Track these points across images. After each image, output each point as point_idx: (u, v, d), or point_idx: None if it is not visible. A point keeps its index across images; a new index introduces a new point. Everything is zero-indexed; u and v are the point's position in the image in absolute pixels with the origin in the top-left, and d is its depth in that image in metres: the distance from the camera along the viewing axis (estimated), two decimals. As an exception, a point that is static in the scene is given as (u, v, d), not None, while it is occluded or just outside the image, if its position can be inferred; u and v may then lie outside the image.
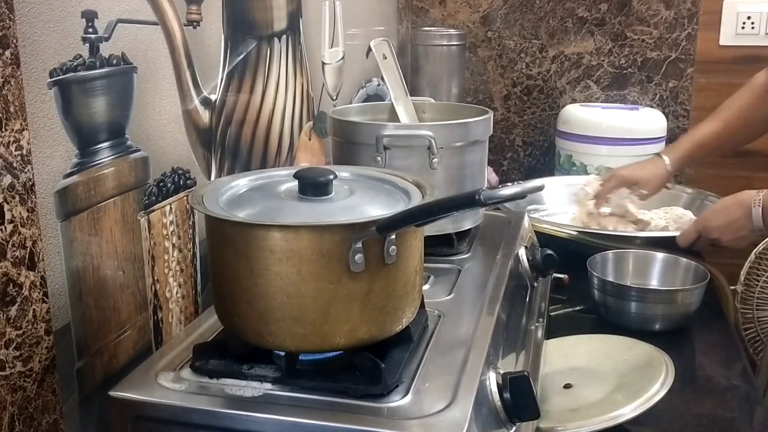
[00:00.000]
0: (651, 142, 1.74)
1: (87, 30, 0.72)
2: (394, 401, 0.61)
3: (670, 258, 1.22)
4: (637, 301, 1.11)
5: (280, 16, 1.16)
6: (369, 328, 0.64)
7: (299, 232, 0.61)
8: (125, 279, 0.81)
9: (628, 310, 1.12)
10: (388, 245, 0.61)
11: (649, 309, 1.11)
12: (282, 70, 1.17)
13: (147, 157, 0.83)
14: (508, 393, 0.65)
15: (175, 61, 0.88)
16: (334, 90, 1.41)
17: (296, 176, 0.68)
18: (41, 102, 0.66)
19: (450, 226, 0.97)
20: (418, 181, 0.72)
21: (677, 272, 1.20)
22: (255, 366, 0.65)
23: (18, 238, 0.63)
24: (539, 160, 2.03)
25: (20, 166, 0.63)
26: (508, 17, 1.96)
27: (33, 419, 0.67)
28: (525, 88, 1.99)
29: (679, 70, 1.89)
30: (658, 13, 1.87)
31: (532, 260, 1.00)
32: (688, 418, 0.92)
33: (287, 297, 0.61)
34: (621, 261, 1.23)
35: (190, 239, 0.92)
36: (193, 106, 0.93)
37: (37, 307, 0.66)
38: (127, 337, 0.81)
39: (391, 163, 0.92)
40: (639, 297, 1.11)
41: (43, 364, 0.68)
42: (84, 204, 0.74)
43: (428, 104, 1.15)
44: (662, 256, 1.23)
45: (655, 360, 0.91)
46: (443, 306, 0.80)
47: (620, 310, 1.12)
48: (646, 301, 1.11)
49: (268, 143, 1.14)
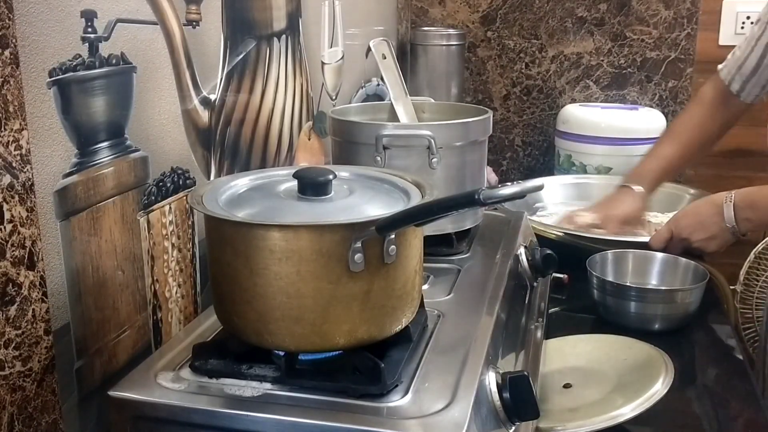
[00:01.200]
0: (650, 141, 1.73)
1: (86, 30, 0.72)
2: (393, 401, 0.61)
3: (669, 258, 1.22)
4: (636, 301, 1.11)
5: (280, 15, 1.16)
6: (368, 328, 0.64)
7: (299, 232, 0.61)
8: (124, 279, 0.81)
9: (628, 310, 1.12)
10: (387, 245, 0.61)
11: (649, 309, 1.11)
12: (281, 70, 1.17)
13: (146, 157, 0.83)
14: (508, 393, 0.65)
15: (175, 61, 0.88)
16: (334, 90, 1.41)
17: (296, 176, 0.68)
18: (40, 102, 0.66)
19: (449, 226, 0.97)
20: (417, 181, 0.72)
21: (677, 272, 1.20)
22: (254, 366, 0.65)
23: (17, 238, 0.63)
24: (538, 159, 2.03)
25: (19, 166, 0.63)
26: (508, 17, 1.96)
27: (32, 419, 0.67)
28: (524, 87, 1.99)
29: (678, 70, 1.89)
30: (657, 13, 1.87)
31: (531, 260, 1.00)
32: (687, 417, 0.92)
33: (287, 297, 0.61)
34: (620, 261, 1.23)
35: (189, 239, 0.92)
36: (192, 105, 0.93)
37: (36, 307, 0.66)
38: (126, 337, 0.81)
39: (390, 162, 0.92)
40: (638, 297, 1.11)
41: (42, 363, 0.68)
42: (83, 204, 0.73)
43: (428, 104, 1.15)
44: (662, 256, 1.23)
45: (655, 360, 0.91)
46: (443, 306, 0.80)
47: (620, 309, 1.12)
48: (646, 301, 1.11)
49: (267, 143, 1.14)
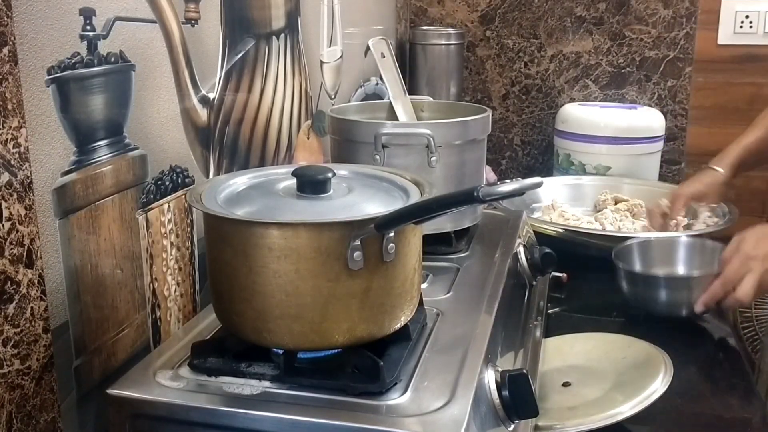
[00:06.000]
0: (649, 141, 1.74)
1: (85, 27, 0.72)
2: (392, 399, 0.61)
3: (695, 242, 1.20)
4: (666, 289, 1.10)
5: (279, 14, 1.16)
6: (367, 326, 0.64)
7: (297, 230, 0.61)
8: (123, 277, 0.80)
9: (658, 299, 1.10)
10: (386, 243, 0.61)
11: (678, 296, 1.09)
12: (280, 69, 1.17)
13: (145, 156, 0.83)
14: (507, 391, 0.65)
15: (173, 60, 0.88)
16: (333, 89, 1.41)
17: (294, 174, 0.68)
18: (39, 99, 0.66)
19: (449, 225, 0.97)
20: (416, 179, 0.72)
21: (704, 255, 1.18)
22: (253, 364, 0.65)
23: (16, 236, 0.63)
24: (537, 159, 2.03)
25: (18, 164, 0.63)
26: (507, 16, 1.96)
27: (31, 417, 0.67)
28: (523, 87, 1.99)
29: (677, 69, 1.89)
30: (656, 13, 1.87)
31: (530, 259, 1.00)
32: (686, 416, 0.92)
33: (285, 295, 0.61)
34: (646, 250, 1.21)
35: (188, 237, 0.92)
36: (191, 104, 0.93)
37: (34, 305, 0.66)
38: (125, 336, 0.81)
39: (389, 161, 0.92)
40: (668, 285, 1.10)
41: (41, 362, 0.68)
42: (82, 202, 0.73)
43: (426, 103, 1.15)
44: (686, 240, 1.21)
45: (654, 358, 0.90)
46: (442, 304, 0.80)
47: (648, 299, 1.11)
48: (675, 288, 1.10)
49: (266, 142, 1.14)
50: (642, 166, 1.74)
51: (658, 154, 1.78)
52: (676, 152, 1.91)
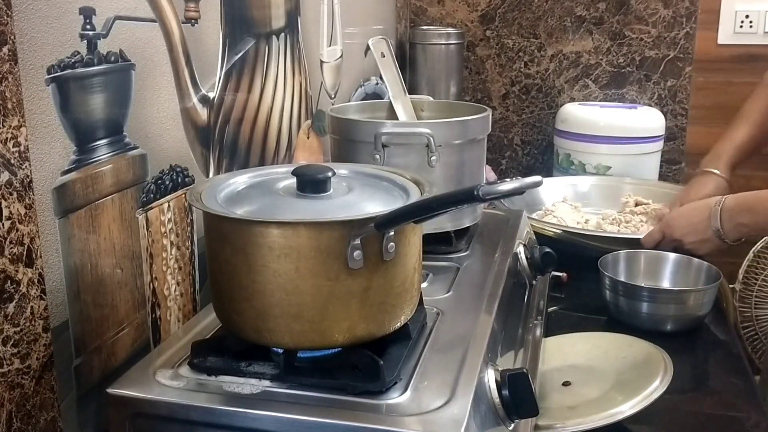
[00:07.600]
0: (649, 140, 1.74)
1: (85, 27, 0.72)
2: (392, 398, 0.61)
3: (682, 258, 1.20)
4: (649, 302, 1.10)
5: (279, 14, 1.16)
6: (367, 326, 0.63)
7: (297, 229, 0.60)
8: (123, 276, 0.80)
9: (640, 311, 1.10)
10: (386, 242, 0.61)
11: (661, 309, 1.10)
12: (280, 69, 1.17)
13: (145, 155, 0.83)
14: (507, 390, 0.65)
15: (173, 59, 0.88)
16: (333, 88, 1.41)
17: (294, 173, 0.68)
18: (39, 99, 0.66)
19: (449, 224, 0.97)
20: (416, 178, 0.72)
21: (689, 273, 1.19)
22: (253, 363, 0.65)
23: (16, 235, 0.63)
24: (537, 159, 2.03)
25: (18, 163, 0.63)
26: (507, 16, 1.96)
27: (31, 416, 0.67)
28: (523, 86, 1.99)
29: (677, 69, 1.89)
30: (656, 12, 1.87)
31: (530, 258, 1.00)
32: (685, 416, 0.92)
33: (285, 294, 0.61)
34: (633, 261, 1.22)
35: (188, 237, 0.92)
36: (191, 103, 0.93)
37: (34, 304, 0.66)
38: (125, 335, 0.81)
39: (389, 160, 0.92)
40: (651, 297, 1.10)
41: (41, 361, 0.67)
42: (82, 201, 0.73)
43: (426, 102, 1.15)
44: (674, 257, 1.21)
45: (654, 358, 0.90)
46: (442, 303, 0.80)
47: (632, 310, 1.11)
48: (658, 302, 1.10)
49: (266, 141, 1.14)
50: (642, 165, 1.74)
51: (658, 153, 1.78)
52: (676, 152, 1.91)
